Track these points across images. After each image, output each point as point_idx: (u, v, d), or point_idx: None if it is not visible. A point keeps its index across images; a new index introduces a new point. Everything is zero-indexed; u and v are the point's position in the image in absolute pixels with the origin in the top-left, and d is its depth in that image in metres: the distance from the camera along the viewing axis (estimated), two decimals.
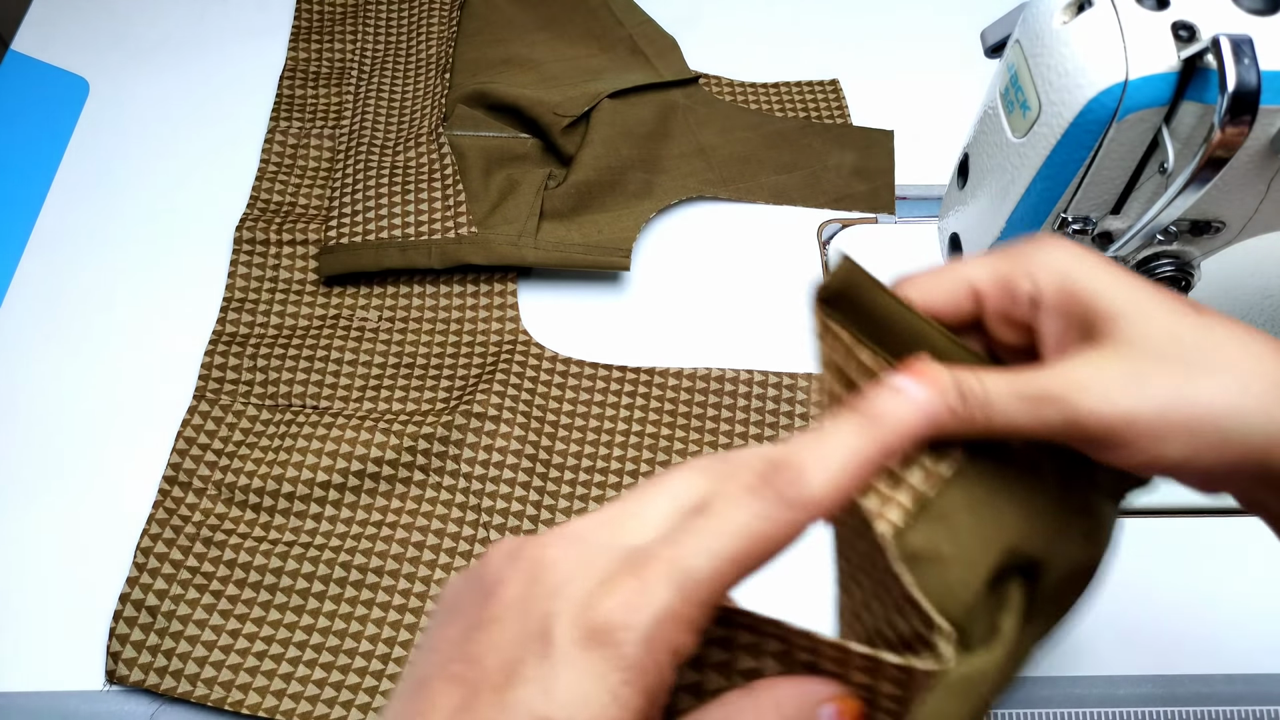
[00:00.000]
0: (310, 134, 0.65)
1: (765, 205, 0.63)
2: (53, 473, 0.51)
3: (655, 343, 0.56)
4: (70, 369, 0.55)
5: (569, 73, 0.68)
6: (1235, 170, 0.36)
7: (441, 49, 0.69)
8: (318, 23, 0.71)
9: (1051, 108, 0.36)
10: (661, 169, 0.63)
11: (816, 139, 0.66)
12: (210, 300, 0.58)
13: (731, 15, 0.74)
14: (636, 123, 0.64)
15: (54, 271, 0.59)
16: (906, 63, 0.71)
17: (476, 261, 0.57)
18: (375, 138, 0.64)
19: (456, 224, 0.58)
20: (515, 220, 0.59)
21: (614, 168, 0.62)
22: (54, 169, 0.64)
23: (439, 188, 0.60)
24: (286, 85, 0.67)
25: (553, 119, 0.63)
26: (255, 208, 0.61)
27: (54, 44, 0.71)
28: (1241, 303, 0.58)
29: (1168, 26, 0.34)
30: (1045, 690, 0.44)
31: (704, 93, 0.68)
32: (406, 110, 0.66)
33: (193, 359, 0.55)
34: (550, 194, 0.60)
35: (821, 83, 0.70)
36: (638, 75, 0.68)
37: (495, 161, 0.63)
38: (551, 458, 0.51)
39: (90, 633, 0.46)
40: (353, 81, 0.67)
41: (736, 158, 0.64)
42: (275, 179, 0.62)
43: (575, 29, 0.72)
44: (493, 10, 0.72)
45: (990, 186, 0.41)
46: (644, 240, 0.61)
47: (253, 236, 0.59)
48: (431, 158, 0.62)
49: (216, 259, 0.60)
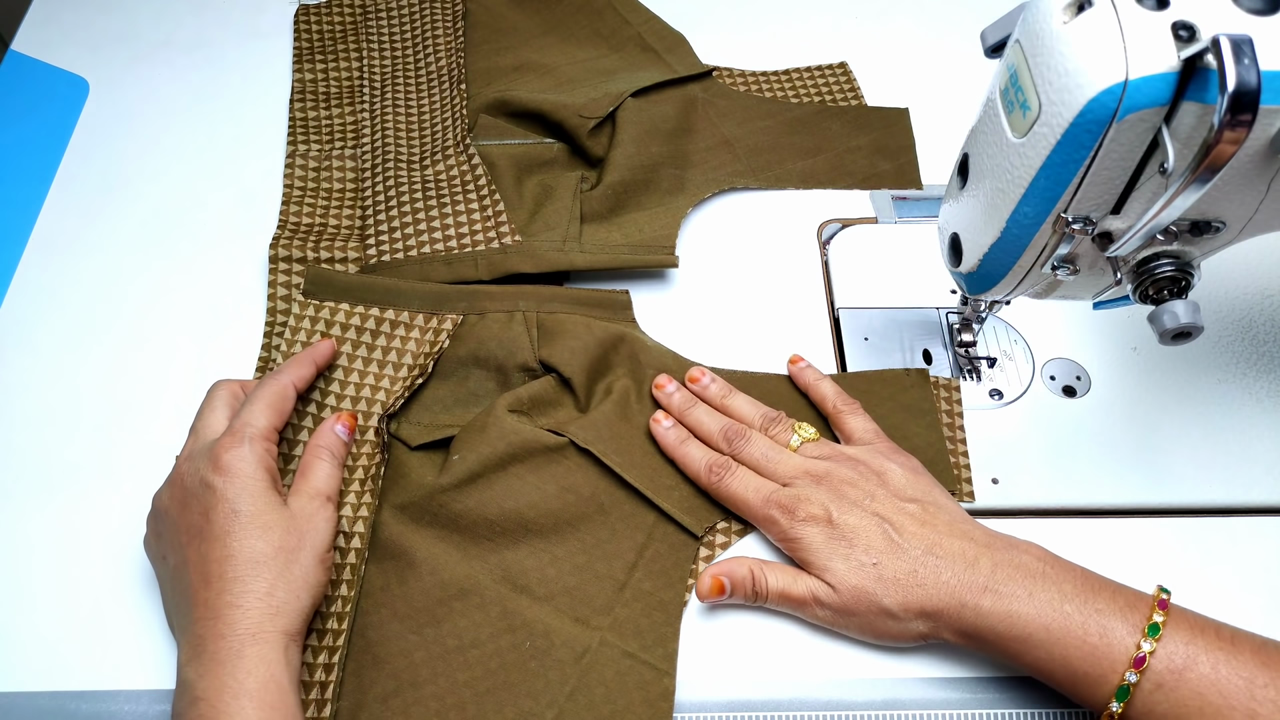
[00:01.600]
0: (332, 155, 0.64)
1: (796, 190, 0.63)
2: (51, 473, 0.51)
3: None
4: (70, 370, 0.55)
5: (584, 74, 0.68)
6: (1235, 170, 0.36)
7: (451, 60, 0.68)
8: (319, 43, 0.70)
9: (1051, 108, 0.36)
10: (690, 164, 0.64)
11: (835, 122, 0.66)
12: (211, 300, 0.58)
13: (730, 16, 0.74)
14: (661, 119, 0.64)
15: (54, 272, 0.59)
16: (905, 63, 0.71)
17: (525, 270, 0.56)
18: (400, 153, 0.63)
19: (499, 234, 0.58)
20: (557, 226, 0.58)
21: (646, 166, 0.62)
22: (54, 169, 0.64)
23: (475, 199, 0.60)
24: (298, 107, 0.66)
25: (578, 121, 0.63)
26: (286, 229, 0.60)
27: (54, 44, 0.71)
28: (1241, 303, 0.58)
29: (1168, 26, 0.34)
30: (1045, 690, 0.44)
31: (720, 85, 0.69)
32: (427, 124, 0.65)
33: (193, 359, 0.55)
34: (587, 196, 0.60)
35: (831, 66, 0.70)
36: (653, 72, 0.68)
37: (525, 168, 0.62)
38: None
39: (90, 633, 0.46)
40: (365, 99, 0.66)
41: (761, 147, 0.65)
42: (302, 202, 0.61)
43: (582, 31, 0.72)
44: (496, 19, 0.72)
45: (990, 186, 0.41)
46: (681, 230, 0.61)
47: (289, 254, 0.58)
48: (463, 169, 0.61)
49: (217, 259, 0.60)
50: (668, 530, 0.49)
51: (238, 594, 0.40)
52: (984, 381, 0.55)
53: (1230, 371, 0.55)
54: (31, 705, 0.44)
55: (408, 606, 0.46)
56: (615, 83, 0.66)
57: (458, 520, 0.48)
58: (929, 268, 0.59)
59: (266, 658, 0.39)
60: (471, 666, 0.44)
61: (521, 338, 0.54)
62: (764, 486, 0.47)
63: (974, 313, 0.53)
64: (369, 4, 0.72)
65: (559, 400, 0.53)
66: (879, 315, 0.58)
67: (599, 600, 0.47)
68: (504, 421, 0.50)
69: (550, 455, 0.50)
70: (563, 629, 0.45)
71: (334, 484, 0.46)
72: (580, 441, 0.50)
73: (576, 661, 0.45)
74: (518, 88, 0.67)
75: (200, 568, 0.41)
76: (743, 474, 0.48)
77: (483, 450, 0.49)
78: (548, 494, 0.49)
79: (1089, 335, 0.56)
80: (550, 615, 0.46)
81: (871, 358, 0.56)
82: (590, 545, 0.48)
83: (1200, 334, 0.40)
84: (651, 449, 0.51)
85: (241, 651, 0.39)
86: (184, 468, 0.44)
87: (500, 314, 0.55)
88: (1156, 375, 0.55)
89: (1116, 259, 0.41)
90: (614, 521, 0.49)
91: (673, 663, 0.45)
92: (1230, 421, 0.53)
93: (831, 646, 0.46)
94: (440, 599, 0.46)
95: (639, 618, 0.46)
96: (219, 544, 0.41)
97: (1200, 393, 0.54)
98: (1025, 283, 0.44)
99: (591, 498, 0.49)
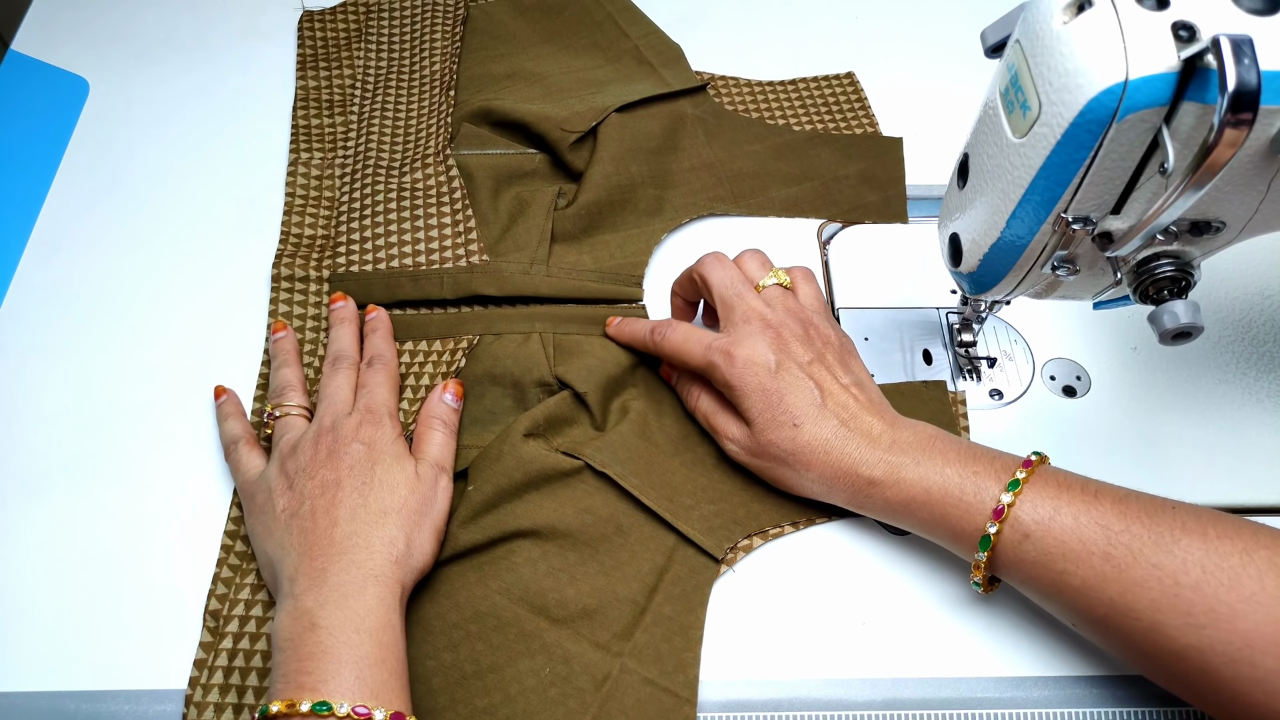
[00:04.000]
0: (334, 164, 0.63)
1: (776, 219, 0.62)
2: (51, 474, 0.51)
3: None
4: (69, 369, 0.55)
5: (575, 84, 0.67)
6: (1235, 170, 0.36)
7: (446, 65, 0.68)
8: (323, 50, 0.70)
9: (1051, 108, 0.36)
10: (671, 184, 0.63)
11: (825, 149, 0.65)
12: (211, 299, 0.58)
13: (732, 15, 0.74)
14: (645, 137, 0.63)
15: (54, 272, 0.59)
16: (906, 63, 0.71)
17: (489, 292, 0.56)
18: (382, 159, 0.63)
19: (468, 251, 0.58)
20: (526, 246, 0.58)
21: (624, 185, 0.61)
22: (54, 169, 0.64)
23: (448, 212, 0.59)
24: (301, 115, 0.66)
25: (560, 135, 0.62)
26: (288, 243, 0.59)
27: (54, 44, 0.71)
28: (1241, 303, 0.58)
29: (1168, 26, 0.34)
30: (1045, 690, 0.44)
31: (712, 103, 0.67)
32: (412, 130, 0.65)
33: (193, 358, 0.55)
34: (560, 215, 0.59)
35: (838, 76, 0.70)
36: (645, 86, 0.67)
37: (503, 180, 0.62)
38: None
39: (90, 633, 0.46)
40: (356, 102, 0.66)
41: (745, 172, 0.64)
42: (304, 213, 0.61)
43: (581, 41, 0.71)
44: (496, 25, 0.72)
45: (990, 187, 0.41)
46: (654, 256, 0.60)
47: (291, 274, 0.58)
48: (440, 180, 0.61)
49: (217, 258, 0.60)
50: (687, 553, 0.48)
51: (366, 536, 0.43)
52: (984, 381, 0.55)
53: (1230, 371, 0.55)
54: (31, 705, 0.44)
55: (423, 631, 0.45)
56: (604, 95, 0.65)
57: (474, 546, 0.47)
58: (929, 268, 0.59)
59: (386, 600, 0.42)
60: (490, 693, 0.44)
61: (538, 354, 0.54)
62: (704, 336, 0.49)
63: (974, 313, 0.53)
64: (372, 8, 0.72)
65: (575, 418, 0.52)
66: (879, 315, 0.58)
67: (619, 624, 0.46)
68: (520, 450, 0.49)
69: (566, 480, 0.49)
70: (583, 654, 0.45)
71: (449, 453, 0.49)
72: (597, 464, 0.49)
73: (597, 689, 0.44)
74: (504, 96, 0.66)
75: (329, 513, 0.44)
76: (683, 328, 0.50)
77: (499, 480, 0.48)
78: (565, 515, 0.48)
79: (1089, 335, 0.56)
80: (569, 639, 0.45)
81: (871, 358, 0.56)
82: (609, 567, 0.47)
83: (1200, 334, 0.40)
84: (671, 468, 0.51)
85: (365, 588, 0.41)
86: (327, 431, 0.47)
87: (516, 335, 0.55)
88: (1156, 375, 0.55)
89: (1116, 259, 0.41)
90: (633, 543, 0.48)
91: (694, 690, 0.44)
92: (1230, 421, 0.53)
93: (831, 647, 0.46)
94: (456, 622, 0.45)
95: (659, 643, 0.45)
96: (354, 495, 0.44)
97: (1200, 393, 0.54)
98: (1025, 283, 0.44)
99: (610, 519, 0.48)
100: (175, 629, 0.46)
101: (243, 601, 0.46)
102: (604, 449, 0.50)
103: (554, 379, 0.53)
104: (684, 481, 0.50)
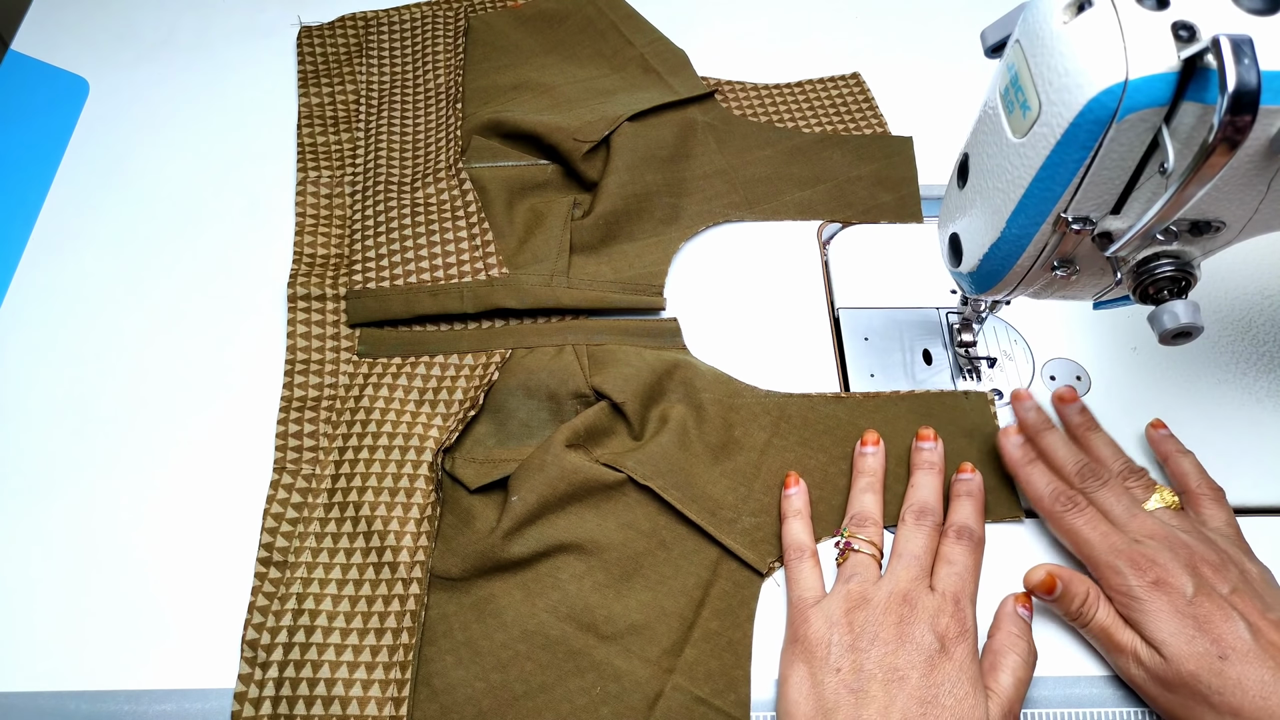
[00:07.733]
0: (344, 181, 0.63)
1: (792, 221, 0.62)
2: (52, 473, 0.51)
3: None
4: (69, 369, 0.55)
5: (583, 94, 0.67)
6: (1235, 170, 0.36)
7: (450, 78, 0.68)
8: (324, 66, 0.69)
9: (1051, 108, 0.36)
10: (685, 192, 0.62)
11: (836, 151, 0.65)
12: (211, 299, 0.58)
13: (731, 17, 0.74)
14: (658, 145, 0.63)
15: (54, 271, 0.59)
16: (906, 63, 0.71)
17: (511, 305, 0.56)
18: (392, 175, 0.62)
19: (486, 264, 0.57)
20: (545, 258, 0.58)
21: (639, 194, 0.61)
22: (54, 169, 0.64)
23: (464, 225, 0.59)
24: (306, 133, 0.65)
25: (572, 145, 0.62)
26: (302, 262, 0.59)
27: (54, 44, 0.71)
28: (1241, 303, 0.58)
29: (1168, 26, 0.34)
30: (1045, 690, 0.44)
31: (720, 109, 0.67)
32: (421, 144, 0.64)
33: (194, 358, 0.55)
34: (578, 226, 0.59)
35: (844, 77, 0.69)
36: (653, 94, 0.66)
37: (517, 192, 0.61)
38: None
39: (90, 633, 0.46)
40: (361, 118, 0.66)
41: (758, 177, 0.64)
42: (316, 232, 0.60)
43: (585, 51, 0.71)
44: (498, 36, 0.71)
45: (990, 187, 0.41)
46: (673, 265, 0.60)
47: (307, 292, 0.57)
48: (453, 194, 0.60)
49: (218, 258, 0.60)
50: (731, 567, 0.48)
51: None
52: (984, 381, 0.55)
53: (1230, 371, 0.55)
54: (31, 705, 0.44)
55: (471, 652, 0.45)
56: (613, 104, 0.65)
57: (519, 561, 0.47)
58: (929, 268, 0.59)
59: None
60: (541, 713, 0.43)
61: (573, 366, 0.53)
62: (1112, 534, 0.45)
63: (974, 313, 0.53)
64: (371, 22, 0.72)
65: (613, 428, 0.51)
66: (879, 315, 0.58)
67: (668, 640, 0.45)
68: (564, 460, 0.48)
69: (609, 492, 0.49)
70: (633, 671, 0.44)
71: (1023, 691, 0.43)
72: (639, 478, 0.49)
73: (650, 709, 0.43)
74: (513, 108, 0.66)
75: (884, 713, 0.40)
76: (1092, 514, 0.46)
77: (543, 490, 0.48)
78: (608, 528, 0.48)
79: (1089, 335, 0.56)
80: (619, 656, 0.45)
81: (871, 358, 0.56)
82: (655, 582, 0.47)
83: (1200, 334, 0.40)
84: (712, 478, 0.50)
85: None
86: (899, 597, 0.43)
87: (549, 348, 0.55)
88: (1156, 375, 0.55)
89: (1116, 259, 0.41)
90: (676, 558, 0.48)
91: (746, 709, 0.44)
92: (1230, 421, 0.53)
93: None
94: (504, 642, 0.45)
95: (709, 659, 0.45)
96: (915, 706, 0.40)
97: (1200, 393, 0.54)
98: (1025, 283, 0.44)
99: (652, 533, 0.48)
100: (176, 629, 0.46)
101: (285, 629, 0.45)
102: (645, 461, 0.49)
103: (590, 390, 0.52)
104: (725, 493, 0.49)
